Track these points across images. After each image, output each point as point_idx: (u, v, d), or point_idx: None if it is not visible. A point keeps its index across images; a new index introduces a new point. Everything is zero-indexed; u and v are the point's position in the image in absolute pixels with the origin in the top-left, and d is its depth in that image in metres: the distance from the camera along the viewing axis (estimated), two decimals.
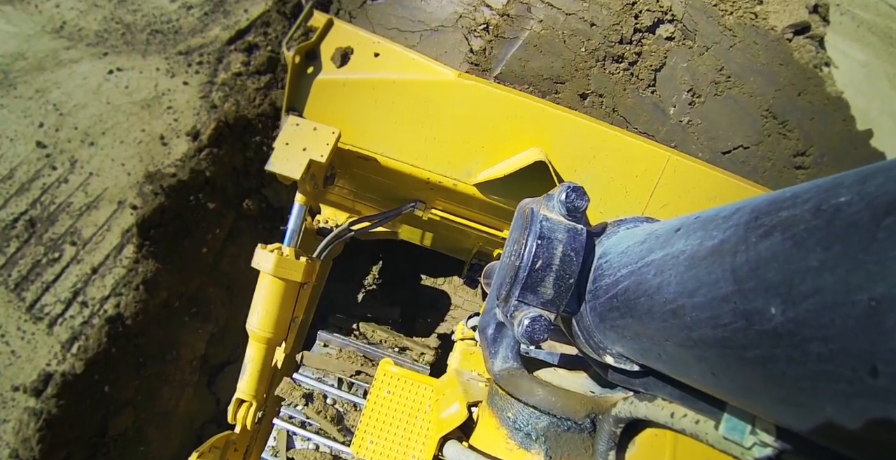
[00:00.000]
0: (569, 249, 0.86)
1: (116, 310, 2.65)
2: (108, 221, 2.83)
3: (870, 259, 0.35)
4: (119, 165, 2.98)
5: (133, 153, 3.03)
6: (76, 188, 2.87)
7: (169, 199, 2.86)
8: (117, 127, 3.08)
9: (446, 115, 2.00)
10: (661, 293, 0.63)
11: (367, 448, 1.52)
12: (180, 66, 3.37)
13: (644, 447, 0.87)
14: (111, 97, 3.16)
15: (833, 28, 3.53)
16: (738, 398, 0.59)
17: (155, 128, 3.14)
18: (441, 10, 2.27)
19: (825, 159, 2.66)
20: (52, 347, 2.53)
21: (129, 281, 2.72)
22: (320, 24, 1.94)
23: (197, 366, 3.19)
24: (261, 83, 3.34)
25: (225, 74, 3.37)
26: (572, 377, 1.11)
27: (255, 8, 3.67)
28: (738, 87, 2.58)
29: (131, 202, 2.88)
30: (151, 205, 2.80)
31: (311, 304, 2.81)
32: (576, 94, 2.28)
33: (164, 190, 2.84)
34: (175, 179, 2.90)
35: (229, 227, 3.33)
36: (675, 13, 2.53)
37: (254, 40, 3.51)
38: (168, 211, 2.88)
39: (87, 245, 2.76)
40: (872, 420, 0.36)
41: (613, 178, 2.06)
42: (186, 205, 2.99)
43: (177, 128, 3.17)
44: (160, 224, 2.86)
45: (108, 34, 3.41)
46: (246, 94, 3.30)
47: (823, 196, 0.42)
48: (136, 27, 3.47)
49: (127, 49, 3.36)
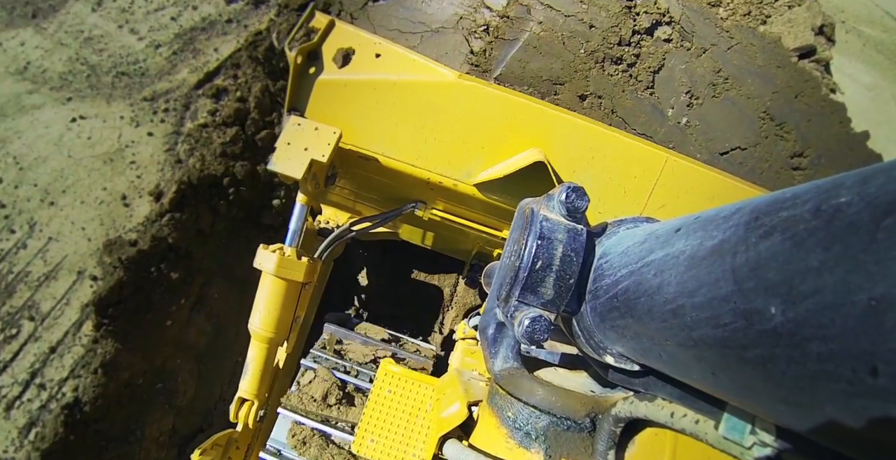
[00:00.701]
0: (569, 249, 0.86)
1: (74, 395, 2.51)
2: (66, 294, 2.70)
3: (870, 259, 0.35)
4: (79, 229, 2.84)
5: (94, 215, 2.89)
6: (35, 255, 2.73)
7: (128, 273, 2.73)
8: (78, 184, 2.94)
9: (447, 115, 2.00)
10: (662, 293, 0.63)
11: (368, 446, 1.52)
12: (145, 114, 3.22)
13: (644, 446, 0.87)
14: (73, 149, 3.01)
15: (839, 48, 3.39)
16: (738, 398, 0.59)
17: (117, 186, 3.00)
18: (442, 11, 2.27)
19: (822, 160, 2.66)
20: (10, 432, 2.40)
21: (87, 362, 2.58)
22: (322, 25, 1.95)
23: (165, 441, 3.02)
24: (226, 137, 3.18)
25: (191, 124, 3.23)
26: (572, 376, 1.12)
27: (226, 46, 3.54)
28: (735, 89, 2.59)
29: (91, 272, 2.74)
30: (109, 282, 2.66)
31: (312, 305, 2.81)
32: (575, 96, 2.28)
33: (123, 263, 2.70)
34: (135, 250, 2.76)
35: (196, 295, 3.18)
36: (673, 15, 2.53)
37: (223, 84, 3.38)
38: (127, 286, 2.74)
39: (46, 320, 2.63)
40: (872, 419, 0.36)
41: (612, 179, 2.06)
42: (148, 278, 2.84)
43: (139, 186, 3.03)
44: (119, 301, 2.72)
45: (73, 76, 3.26)
46: (212, 148, 3.14)
47: (824, 196, 0.42)
48: (102, 69, 3.32)
49: (91, 93, 3.22)
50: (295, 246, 1.93)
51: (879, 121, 3.55)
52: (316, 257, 2.09)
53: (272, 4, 3.78)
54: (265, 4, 3.80)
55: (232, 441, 2.01)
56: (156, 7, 3.60)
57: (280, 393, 2.35)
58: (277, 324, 1.92)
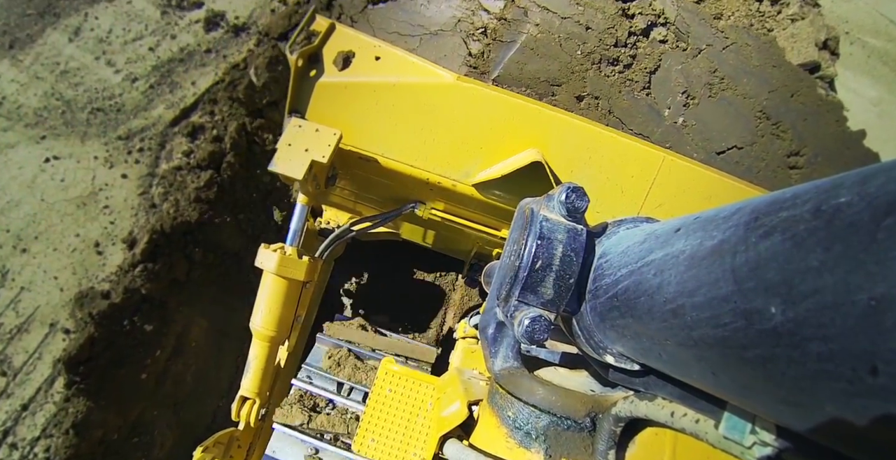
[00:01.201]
0: (569, 249, 0.86)
1: (46, 456, 2.44)
2: (39, 348, 2.62)
3: (870, 259, 0.35)
4: (52, 278, 2.75)
5: (66, 263, 2.81)
6: (7, 305, 2.65)
7: (100, 329, 2.65)
8: (51, 230, 2.85)
9: (445, 116, 2.01)
10: (661, 293, 0.64)
11: (369, 446, 1.52)
12: (120, 154, 3.12)
13: (644, 446, 0.87)
14: (46, 193, 2.91)
15: (843, 61, 3.24)
16: (738, 397, 0.59)
17: (90, 232, 2.91)
18: (440, 14, 2.28)
19: (819, 159, 2.67)
20: None
21: (59, 421, 2.50)
22: (323, 28, 1.96)
23: None
24: (200, 181, 3.10)
25: (167, 165, 3.14)
26: (573, 376, 1.12)
27: (204, 79, 3.40)
28: (731, 89, 2.60)
29: (63, 325, 2.66)
30: (79, 339, 2.58)
31: (312, 304, 2.81)
32: (572, 96, 2.29)
33: (94, 318, 2.63)
34: (107, 303, 2.68)
35: (172, 345, 3.08)
36: (668, 17, 2.54)
37: (199, 121, 3.27)
38: (99, 342, 2.66)
39: (18, 376, 2.55)
40: (872, 419, 0.36)
41: (609, 179, 2.07)
42: (120, 332, 2.76)
43: (112, 232, 2.95)
44: (90, 358, 2.64)
45: (48, 112, 3.15)
46: (186, 192, 3.05)
47: (824, 196, 0.42)
48: (77, 104, 3.21)
49: (66, 131, 3.12)
50: (296, 245, 1.94)
51: (886, 139, 3.37)
52: (316, 256, 2.09)
53: (252, 32, 3.66)
54: (246, 32, 3.67)
55: (234, 439, 2.02)
56: (134, 36, 3.48)
57: (281, 392, 2.35)
58: (279, 322, 1.93)
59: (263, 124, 3.42)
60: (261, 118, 3.42)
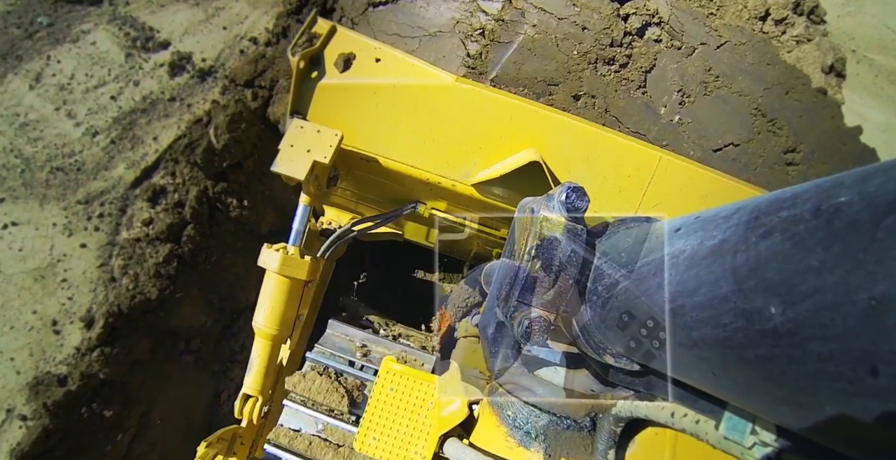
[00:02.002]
0: (568, 249, 0.87)
1: None
2: None
3: (870, 259, 0.35)
4: (8, 360, 2.62)
5: (23, 343, 2.68)
6: None
7: (56, 420, 2.53)
8: (8, 306, 2.72)
9: (444, 117, 2.02)
10: (661, 293, 0.64)
11: (370, 444, 1.52)
12: (80, 220, 2.96)
13: (644, 446, 0.87)
14: (4, 264, 2.77)
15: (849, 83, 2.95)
16: (738, 398, 0.59)
17: (48, 308, 2.77)
18: (439, 16, 2.29)
19: (815, 155, 2.68)
20: None
21: None
22: (324, 30, 1.98)
23: None
24: (160, 257, 2.97)
25: (126, 233, 2.99)
26: (573, 376, 1.12)
27: (166, 133, 3.21)
28: (726, 87, 2.61)
29: (20, 411, 2.53)
30: (34, 432, 2.46)
31: (314, 304, 2.81)
32: (569, 96, 2.29)
33: (49, 409, 2.50)
34: (63, 392, 2.56)
35: (135, 427, 2.94)
36: (663, 16, 2.55)
37: (160, 182, 3.11)
38: (55, 434, 2.54)
39: None
40: (872, 419, 0.36)
41: (606, 178, 2.07)
42: (78, 420, 2.63)
43: (71, 309, 2.80)
44: (46, 451, 2.51)
45: (7, 172, 2.97)
46: (146, 267, 2.93)
47: (823, 196, 0.42)
48: (37, 163, 3.03)
49: (25, 194, 2.95)
50: (298, 245, 1.95)
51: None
52: (318, 256, 2.10)
53: (219, 77, 3.48)
54: (212, 76, 3.49)
55: (236, 436, 2.02)
56: (96, 83, 3.28)
57: (283, 390, 2.36)
58: (281, 321, 1.95)
59: (226, 188, 3.28)
60: (223, 182, 3.27)
